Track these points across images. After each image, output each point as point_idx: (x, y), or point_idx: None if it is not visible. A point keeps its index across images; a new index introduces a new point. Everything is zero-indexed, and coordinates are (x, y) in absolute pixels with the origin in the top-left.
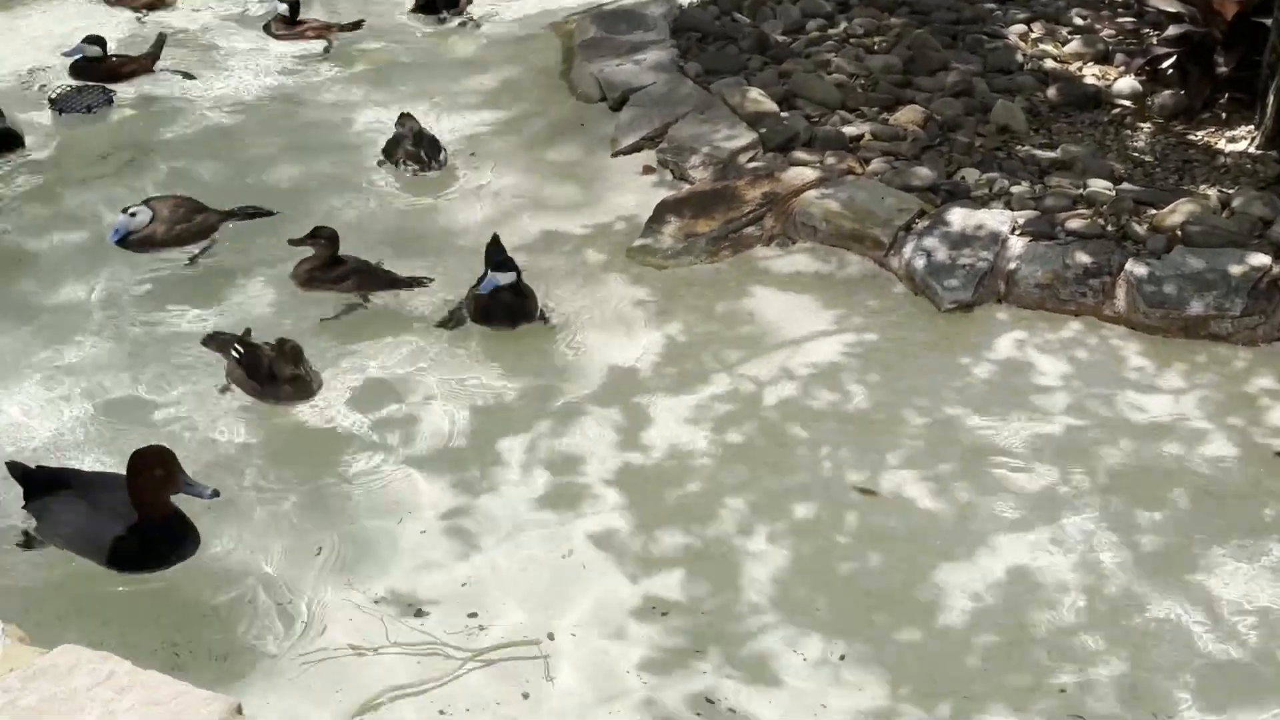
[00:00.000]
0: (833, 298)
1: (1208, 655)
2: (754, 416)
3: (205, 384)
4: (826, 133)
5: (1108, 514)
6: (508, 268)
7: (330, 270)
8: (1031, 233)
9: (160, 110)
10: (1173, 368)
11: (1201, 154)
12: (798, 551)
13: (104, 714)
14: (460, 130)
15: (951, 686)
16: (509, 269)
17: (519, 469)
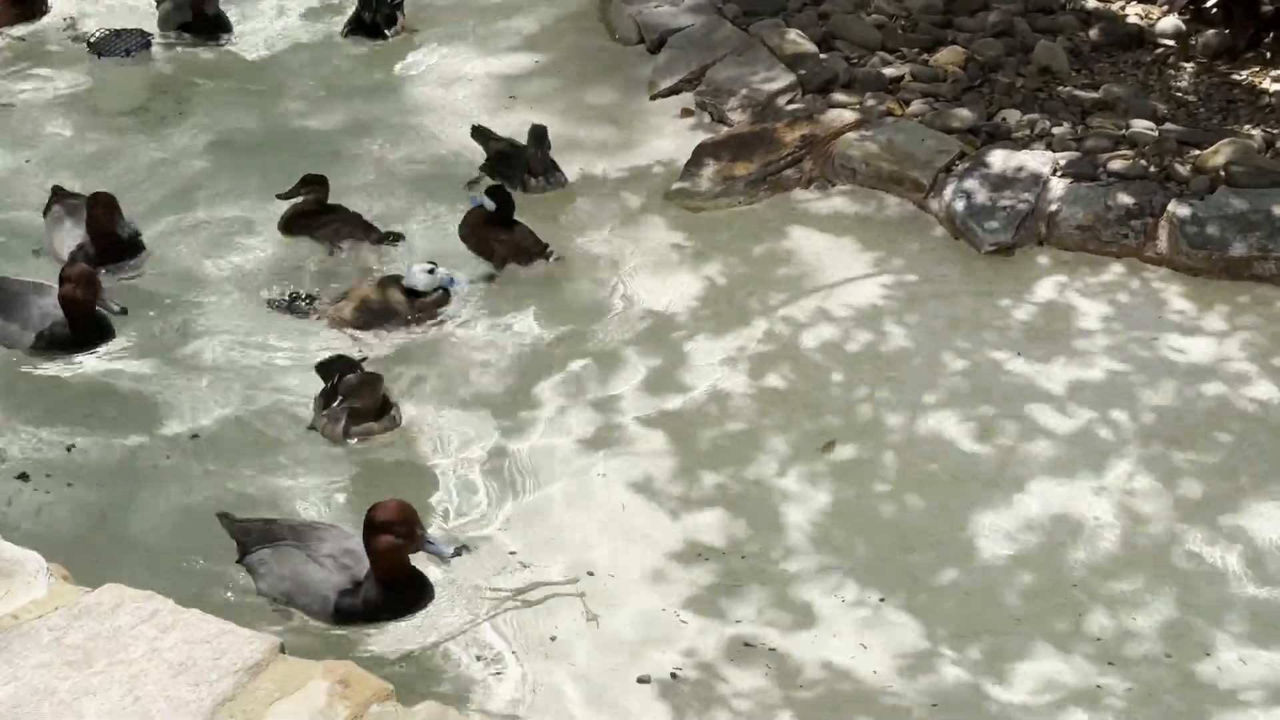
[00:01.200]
0: (872, 240)
1: (1249, 596)
2: (792, 359)
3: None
4: (866, 74)
5: (1148, 456)
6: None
7: (315, 218)
8: (1073, 174)
9: (198, 54)
10: (1215, 310)
11: (1245, 93)
12: (836, 494)
13: (149, 651)
14: (497, 72)
15: (989, 628)
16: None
17: (557, 411)
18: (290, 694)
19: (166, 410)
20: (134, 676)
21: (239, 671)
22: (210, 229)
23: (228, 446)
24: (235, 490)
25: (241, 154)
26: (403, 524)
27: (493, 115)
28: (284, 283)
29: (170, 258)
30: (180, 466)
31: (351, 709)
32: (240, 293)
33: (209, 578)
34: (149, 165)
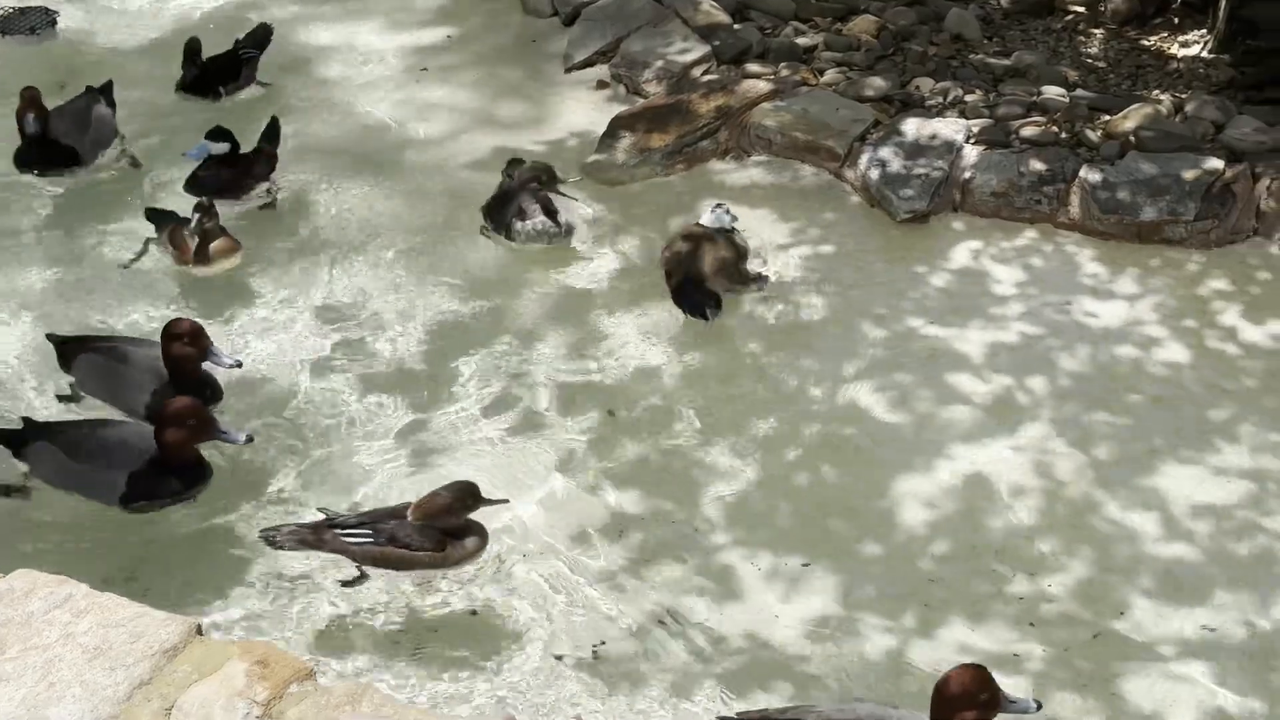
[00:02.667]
0: (788, 210)
1: (1162, 556)
2: (712, 331)
3: None
4: (780, 44)
5: (1063, 419)
6: (221, 138)
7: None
8: (986, 141)
9: (104, 29)
10: (1127, 273)
11: (1154, 59)
12: (756, 465)
13: (63, 636)
14: (410, 46)
15: (911, 594)
16: (223, 139)
17: (475, 388)
18: (208, 675)
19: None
20: (48, 662)
21: (155, 654)
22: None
23: None
24: None
25: (153, 131)
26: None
27: (406, 90)
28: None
29: (81, 242)
30: None
31: (270, 689)
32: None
33: (122, 560)
34: None
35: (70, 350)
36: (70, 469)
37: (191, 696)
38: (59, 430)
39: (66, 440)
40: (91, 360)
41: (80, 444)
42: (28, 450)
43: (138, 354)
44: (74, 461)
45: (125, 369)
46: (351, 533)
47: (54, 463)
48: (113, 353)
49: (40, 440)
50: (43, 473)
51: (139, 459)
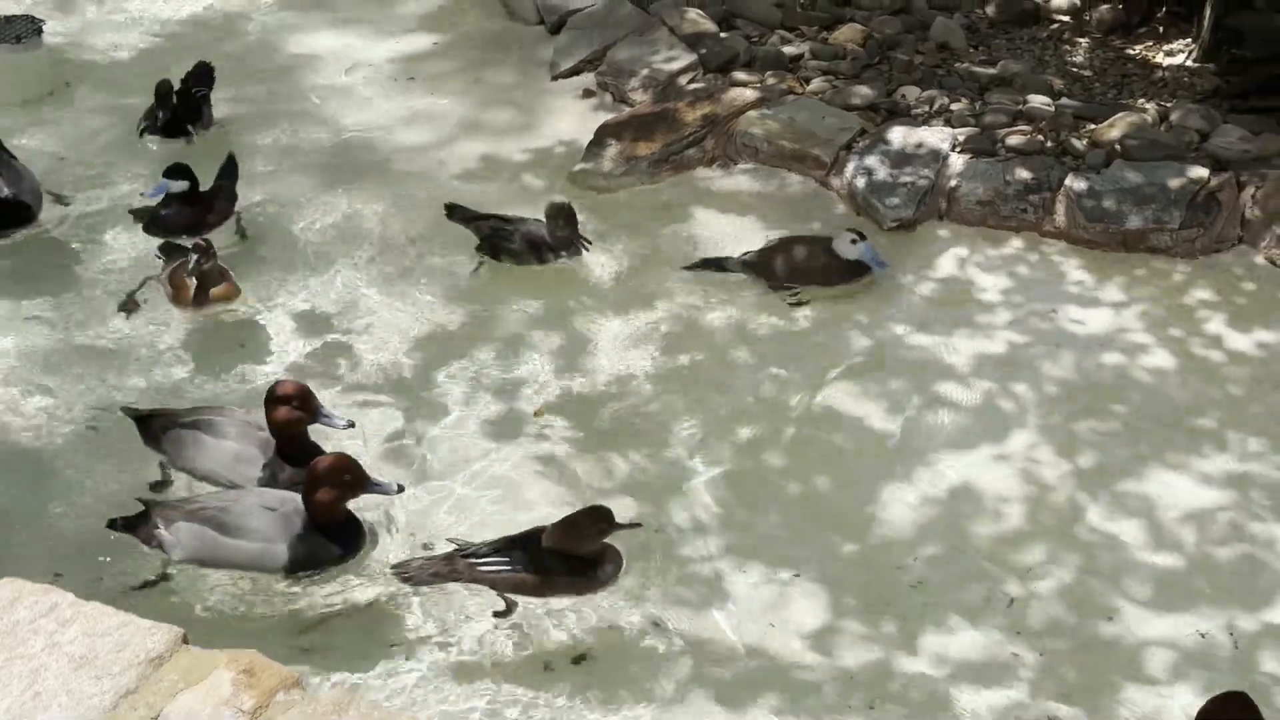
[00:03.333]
0: (775, 218)
1: (1148, 563)
2: (697, 339)
3: None
4: (766, 52)
5: (1049, 426)
6: (179, 175)
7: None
8: (972, 150)
9: (90, 37)
10: (1112, 281)
11: (1139, 68)
12: (742, 472)
13: (48, 645)
14: (396, 55)
15: (898, 601)
16: (181, 177)
17: (462, 396)
18: (194, 684)
19: (64, 403)
20: (34, 671)
21: (141, 663)
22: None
23: (125, 436)
24: (132, 481)
25: (138, 141)
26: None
27: (392, 98)
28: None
29: (65, 242)
30: (78, 458)
31: (257, 698)
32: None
33: (109, 569)
34: (50, 152)
35: (155, 426)
36: (224, 546)
37: (178, 705)
38: (198, 510)
39: (210, 518)
40: (183, 436)
41: (227, 520)
42: (169, 532)
43: (233, 424)
44: (228, 538)
45: (225, 443)
46: (487, 562)
47: (201, 541)
48: (206, 426)
49: (180, 520)
50: (189, 554)
51: (295, 526)
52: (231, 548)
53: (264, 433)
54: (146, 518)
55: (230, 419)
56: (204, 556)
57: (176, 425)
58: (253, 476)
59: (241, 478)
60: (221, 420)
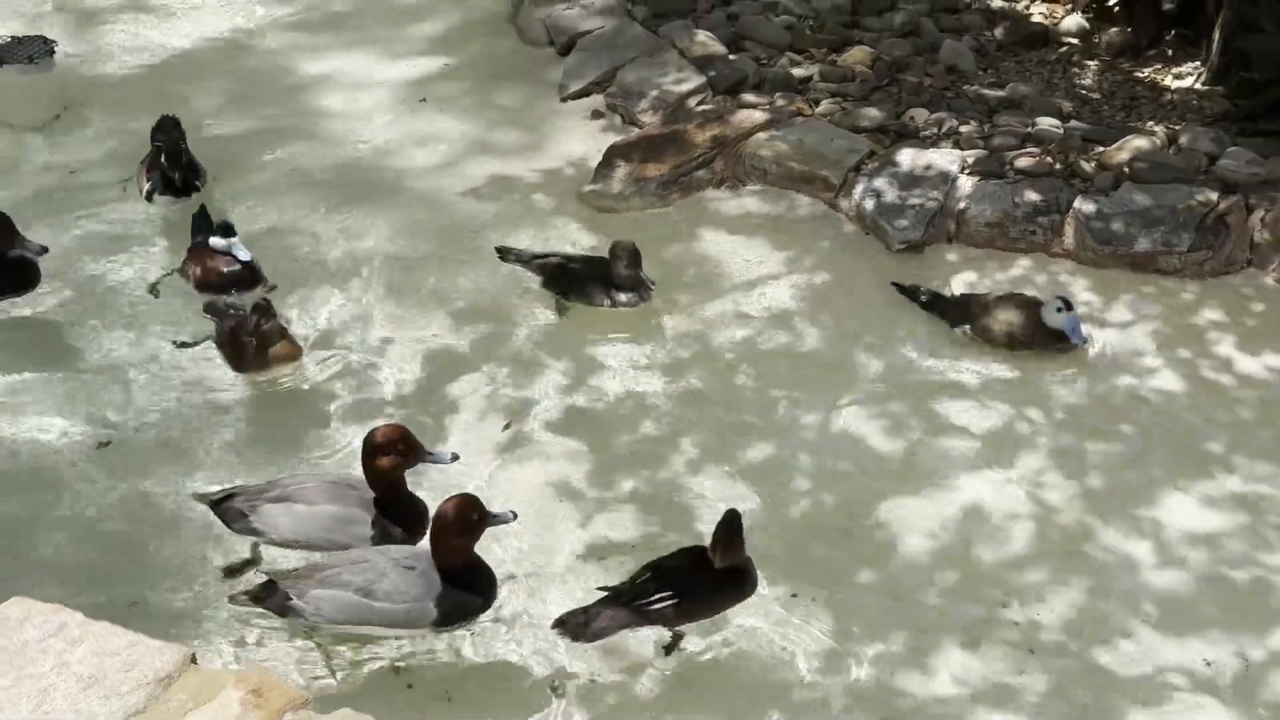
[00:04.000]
0: (783, 239)
1: (1158, 586)
2: (706, 360)
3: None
4: (775, 74)
5: (1058, 449)
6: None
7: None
8: (980, 172)
9: (102, 58)
10: (1121, 303)
11: (1148, 91)
12: (752, 494)
13: (57, 665)
14: (408, 77)
15: (906, 623)
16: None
17: (474, 416)
18: (203, 705)
19: (72, 420)
20: (42, 690)
21: (150, 683)
22: (117, 236)
23: (136, 454)
24: (143, 500)
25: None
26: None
27: (403, 119)
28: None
29: (76, 266)
30: (87, 475)
31: (265, 717)
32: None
33: (117, 589)
34: (58, 174)
35: (237, 508)
36: (370, 609)
37: None
38: (331, 576)
39: (349, 583)
40: (273, 511)
41: (368, 583)
42: (305, 601)
43: (322, 487)
44: (374, 601)
45: (322, 507)
46: (654, 600)
47: (345, 607)
48: (296, 495)
49: (314, 589)
50: (331, 620)
51: (436, 581)
52: (379, 610)
53: (357, 491)
54: (273, 589)
55: (317, 483)
56: (349, 620)
57: (261, 501)
58: (363, 536)
59: (351, 539)
60: (309, 486)
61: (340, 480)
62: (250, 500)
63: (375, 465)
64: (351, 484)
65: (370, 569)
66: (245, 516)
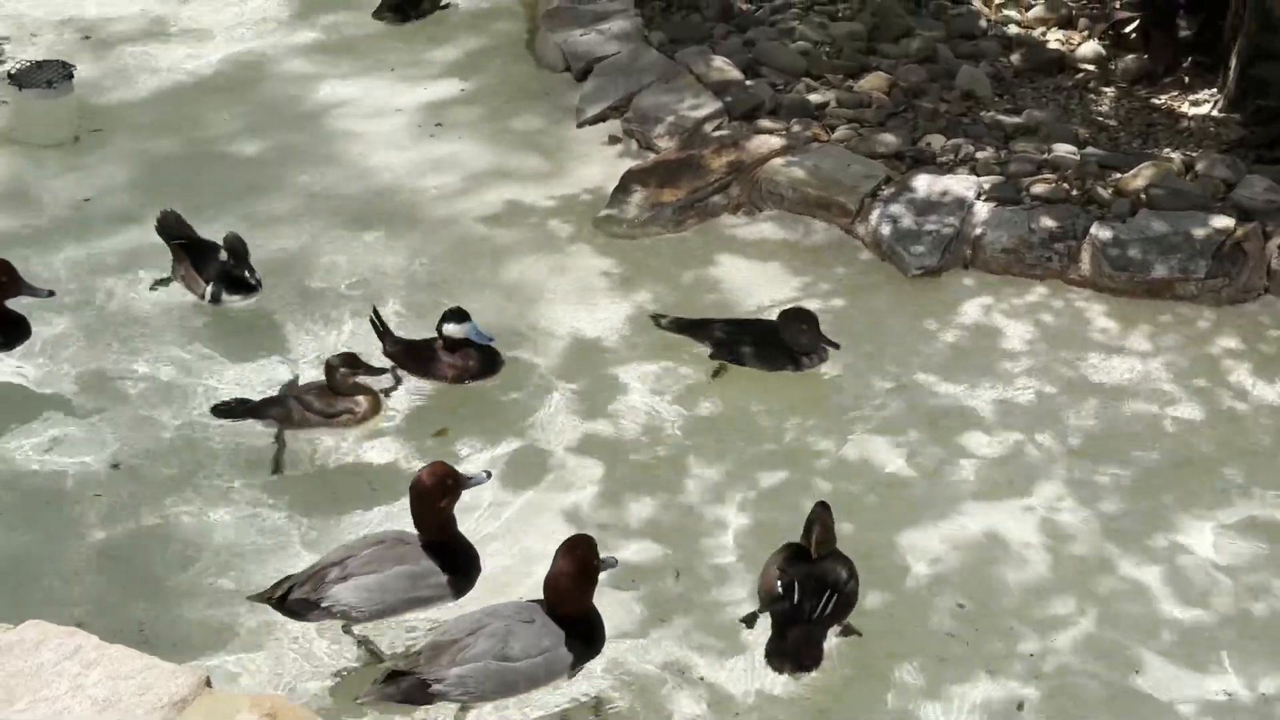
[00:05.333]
0: (799, 265)
1: (1175, 617)
2: (721, 385)
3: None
4: (792, 100)
5: (1074, 477)
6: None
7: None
8: (997, 198)
9: (119, 83)
10: (1138, 330)
11: (1165, 117)
12: (765, 520)
13: (72, 688)
14: (424, 101)
15: (921, 651)
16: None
17: (483, 440)
18: None
19: (86, 443)
20: (57, 714)
21: (164, 707)
22: (136, 260)
23: (149, 478)
24: (156, 524)
25: (167, 185)
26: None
27: (419, 143)
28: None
29: (92, 288)
30: (102, 499)
31: None
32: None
33: (132, 613)
34: (73, 198)
35: (302, 599)
36: (515, 671)
37: None
38: (460, 652)
39: (485, 653)
40: (342, 592)
41: (503, 648)
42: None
43: (377, 550)
44: (515, 662)
45: (392, 570)
46: (825, 603)
47: (491, 678)
48: (358, 567)
49: (453, 670)
50: (482, 695)
51: (554, 626)
52: (524, 671)
53: (410, 544)
54: (401, 679)
55: (372, 550)
56: (496, 691)
57: (327, 585)
58: (441, 584)
59: (432, 591)
60: (366, 555)
61: (389, 538)
62: (316, 589)
63: (434, 508)
64: (403, 539)
65: (494, 634)
66: (317, 606)
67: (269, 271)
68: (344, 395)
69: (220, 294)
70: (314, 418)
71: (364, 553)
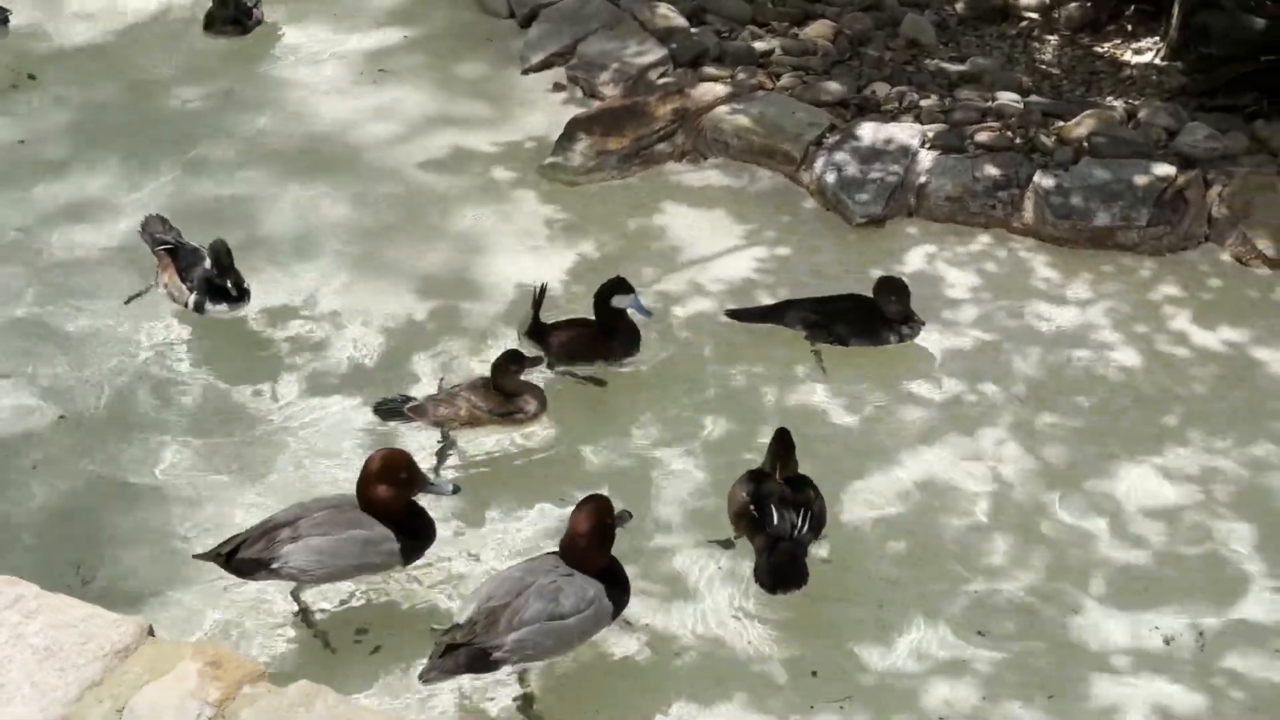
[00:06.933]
0: (744, 213)
1: (1114, 559)
2: (667, 333)
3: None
4: (736, 48)
5: (1017, 423)
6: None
7: None
8: (941, 146)
9: (58, 27)
10: (1080, 278)
11: (1108, 65)
12: (711, 467)
13: (12, 637)
14: (366, 48)
15: (864, 597)
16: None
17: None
18: (160, 676)
19: (27, 393)
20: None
21: (106, 655)
22: (75, 208)
23: (93, 428)
24: (101, 474)
25: (104, 132)
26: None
27: (363, 90)
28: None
29: (30, 239)
30: (45, 449)
31: (223, 690)
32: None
33: (73, 562)
34: (9, 145)
35: (252, 559)
36: (569, 629)
37: (143, 697)
38: (515, 616)
39: (538, 615)
40: (293, 553)
41: (553, 607)
42: (511, 651)
43: (328, 512)
44: (566, 620)
45: (345, 534)
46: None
47: (549, 638)
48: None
49: (510, 636)
50: (545, 656)
51: (588, 580)
52: (576, 627)
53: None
54: (459, 652)
55: (325, 512)
56: (556, 648)
57: (277, 545)
58: (394, 551)
59: (384, 558)
60: (320, 517)
61: (344, 502)
62: (267, 548)
63: (373, 494)
64: (356, 503)
65: (543, 593)
66: (266, 566)
67: (211, 221)
68: (511, 394)
69: (204, 303)
70: (486, 417)
71: (317, 514)
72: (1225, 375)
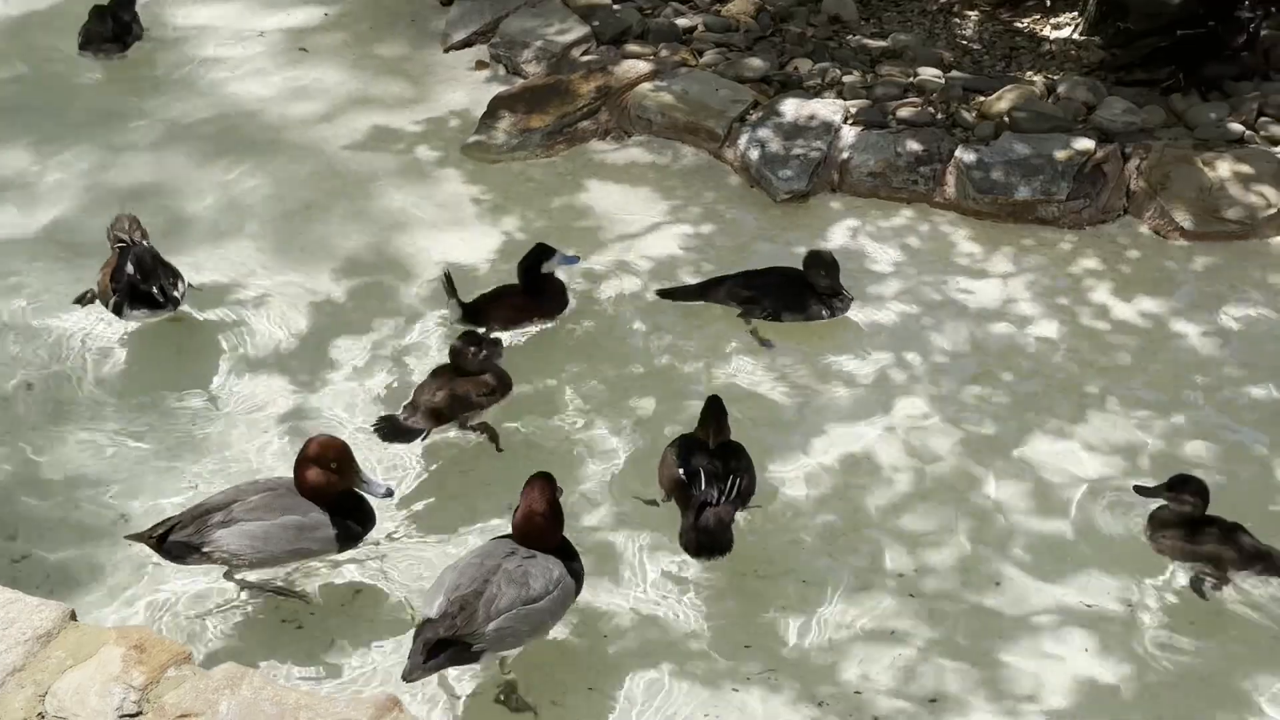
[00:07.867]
0: (668, 190)
1: (1036, 530)
2: (592, 310)
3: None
4: (659, 25)
5: (939, 396)
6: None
7: None
8: (863, 122)
9: None
10: (1001, 252)
11: (1027, 41)
12: (636, 443)
13: None
14: (287, 26)
15: (791, 570)
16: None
17: (355, 370)
18: (83, 661)
19: None
20: None
21: (28, 640)
22: None
23: (18, 410)
24: (26, 457)
25: (19, 112)
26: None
27: (283, 69)
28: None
29: None
30: None
31: (147, 673)
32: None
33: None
34: None
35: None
36: (542, 611)
37: (66, 682)
38: (491, 603)
39: (514, 600)
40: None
41: (523, 591)
42: (490, 637)
43: (262, 496)
44: (540, 603)
45: (278, 519)
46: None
47: (524, 623)
48: (244, 512)
49: (489, 626)
50: (523, 642)
51: (551, 560)
52: (547, 608)
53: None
54: (441, 645)
55: (261, 496)
56: (535, 632)
57: (210, 529)
58: (329, 538)
59: (319, 544)
60: (255, 501)
61: (281, 486)
62: (199, 532)
63: (306, 478)
64: (293, 487)
65: (512, 578)
66: (197, 550)
67: (130, 204)
68: (474, 375)
69: (123, 306)
70: (482, 402)
71: (252, 498)
72: (1144, 346)
